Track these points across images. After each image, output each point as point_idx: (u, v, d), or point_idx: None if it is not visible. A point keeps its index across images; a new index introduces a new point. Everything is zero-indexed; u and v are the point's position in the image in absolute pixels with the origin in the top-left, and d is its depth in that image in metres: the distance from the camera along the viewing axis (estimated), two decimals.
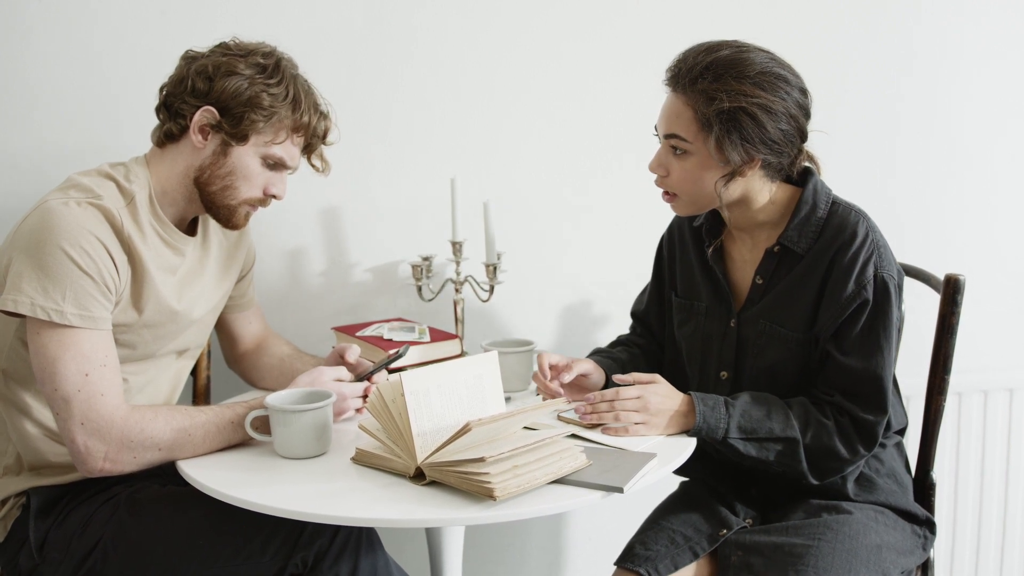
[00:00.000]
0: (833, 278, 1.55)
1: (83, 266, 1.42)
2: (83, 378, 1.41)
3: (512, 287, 2.18)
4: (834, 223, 1.58)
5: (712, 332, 1.70)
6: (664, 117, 1.58)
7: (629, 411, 1.54)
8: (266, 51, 1.58)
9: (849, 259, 1.54)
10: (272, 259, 2.06)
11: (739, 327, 1.66)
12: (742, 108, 1.49)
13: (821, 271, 1.57)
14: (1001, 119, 2.39)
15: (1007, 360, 2.44)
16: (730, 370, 1.67)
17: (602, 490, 1.32)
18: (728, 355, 1.67)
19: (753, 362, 1.64)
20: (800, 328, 1.59)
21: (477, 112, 2.14)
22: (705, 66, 1.51)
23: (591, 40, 2.17)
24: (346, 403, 1.60)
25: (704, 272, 1.73)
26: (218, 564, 1.47)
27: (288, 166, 1.62)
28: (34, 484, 1.55)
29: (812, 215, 1.59)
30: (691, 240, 1.77)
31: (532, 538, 2.37)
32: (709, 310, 1.71)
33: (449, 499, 1.31)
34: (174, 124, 1.56)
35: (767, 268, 1.63)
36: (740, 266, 1.69)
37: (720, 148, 1.51)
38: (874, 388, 1.54)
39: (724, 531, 1.58)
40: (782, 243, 1.60)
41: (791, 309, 1.60)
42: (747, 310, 1.65)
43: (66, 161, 1.87)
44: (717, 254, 1.70)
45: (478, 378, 1.47)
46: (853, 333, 1.54)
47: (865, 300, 1.53)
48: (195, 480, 1.41)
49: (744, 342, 1.65)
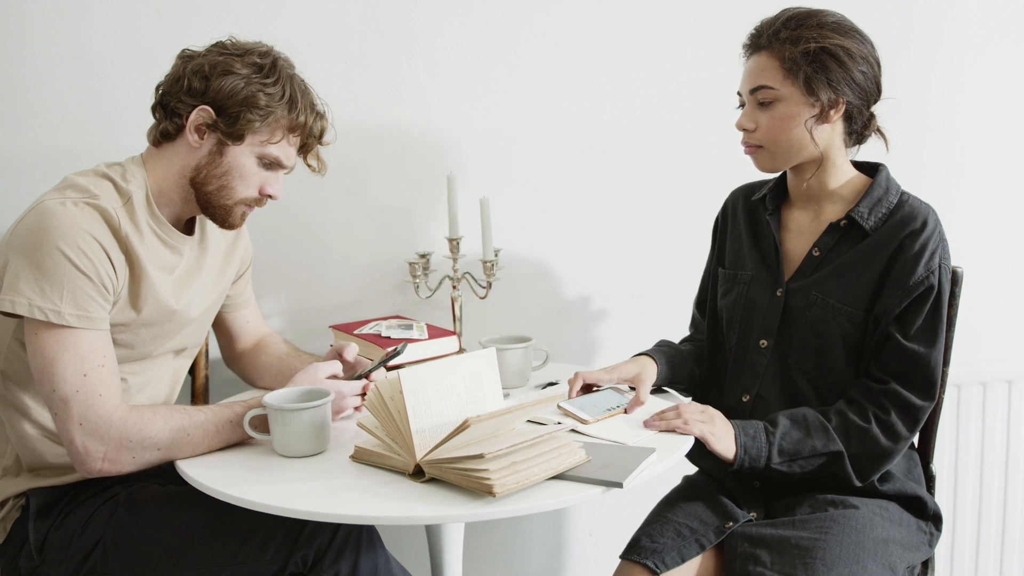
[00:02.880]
0: (901, 261, 1.58)
1: (80, 266, 1.42)
2: (81, 378, 1.41)
3: (510, 283, 2.18)
4: (905, 209, 1.62)
5: (756, 299, 1.72)
6: (748, 76, 1.64)
7: (695, 414, 1.57)
8: (263, 50, 1.58)
9: (920, 245, 1.57)
10: (269, 258, 2.06)
11: (787, 296, 1.68)
12: (826, 48, 1.56)
13: (888, 252, 1.59)
14: (997, 110, 2.39)
15: (1006, 351, 2.44)
16: (771, 338, 1.68)
17: (601, 485, 1.32)
18: (771, 323, 1.68)
19: (800, 332, 1.65)
20: (855, 304, 1.61)
21: (474, 108, 2.14)
22: (785, 20, 1.60)
23: (590, 37, 2.17)
24: (344, 401, 1.60)
25: (754, 241, 1.77)
26: (218, 563, 1.47)
27: (284, 166, 1.61)
28: (33, 485, 1.55)
29: (884, 198, 1.63)
30: (743, 213, 1.82)
31: (532, 534, 2.37)
32: (755, 279, 1.74)
33: (448, 496, 1.31)
34: (170, 123, 1.56)
35: (827, 241, 1.66)
36: (795, 236, 1.72)
37: (809, 86, 1.57)
38: (929, 375, 1.57)
39: (730, 523, 1.58)
40: (851, 217, 1.63)
41: (848, 284, 1.62)
42: (796, 280, 1.68)
43: (62, 161, 1.86)
44: (776, 222, 1.74)
45: (476, 375, 1.47)
46: (918, 318, 1.57)
47: (931, 286, 1.57)
48: (194, 480, 1.40)
49: (791, 312, 1.67)
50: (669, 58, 2.19)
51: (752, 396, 1.70)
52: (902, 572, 1.53)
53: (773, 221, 1.74)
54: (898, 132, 2.35)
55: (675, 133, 2.24)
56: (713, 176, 2.04)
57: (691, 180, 2.25)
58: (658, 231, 2.26)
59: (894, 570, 1.51)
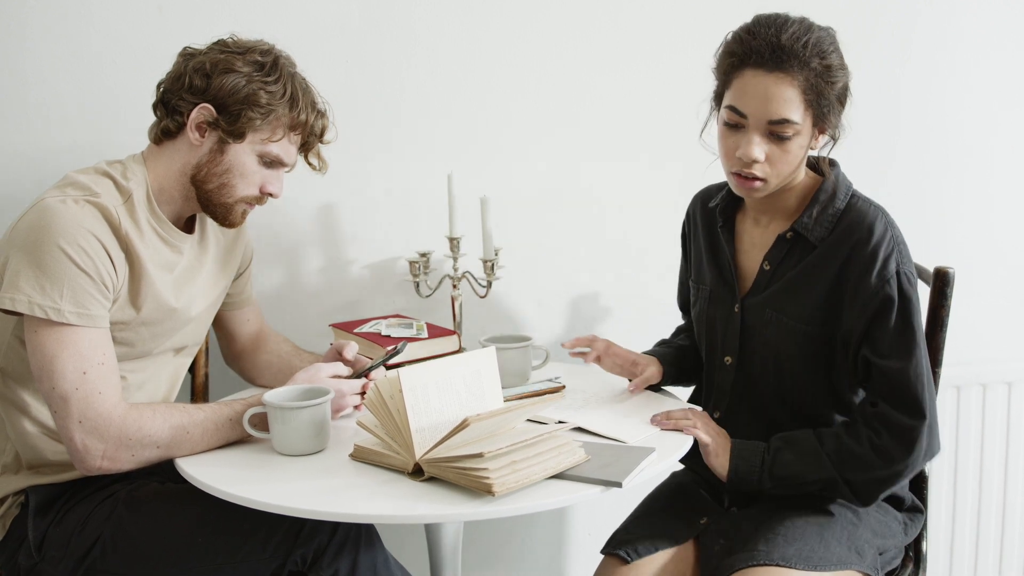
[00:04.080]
0: (852, 274, 1.50)
1: (81, 264, 1.42)
2: (81, 376, 1.41)
3: (510, 283, 2.18)
4: (851, 216, 1.53)
5: (716, 316, 1.67)
6: (765, 101, 1.47)
7: (702, 420, 1.57)
8: (264, 49, 1.58)
9: (869, 255, 1.49)
10: (270, 256, 2.06)
11: (743, 313, 1.63)
12: (847, 85, 1.52)
13: (836, 265, 1.52)
14: (998, 111, 2.38)
15: (1006, 352, 2.44)
16: (734, 355, 1.65)
17: (601, 484, 1.33)
18: (732, 341, 1.64)
19: (758, 350, 1.61)
20: (808, 320, 1.55)
21: (474, 107, 2.14)
22: (813, 43, 1.47)
23: (590, 36, 2.17)
24: (344, 400, 1.60)
25: (711, 254, 1.70)
26: (217, 561, 1.47)
27: (285, 164, 1.61)
28: (33, 482, 1.54)
29: (830, 204, 1.55)
30: (702, 221, 1.75)
31: (531, 533, 2.37)
32: (713, 295, 1.68)
33: (448, 495, 1.31)
34: (171, 121, 1.56)
35: (776, 255, 1.59)
36: (749, 249, 1.65)
37: (822, 120, 1.49)
38: (912, 391, 1.48)
39: (704, 519, 1.59)
40: (795, 229, 1.56)
41: (799, 299, 1.56)
42: (752, 296, 1.62)
43: (63, 158, 1.86)
44: (728, 235, 1.67)
45: (476, 374, 1.47)
46: (886, 334, 1.49)
47: (889, 297, 1.48)
48: (194, 478, 1.41)
49: (748, 329, 1.62)
50: (669, 58, 2.18)
51: (723, 412, 1.69)
52: (871, 556, 1.52)
53: (725, 234, 1.67)
54: (898, 133, 2.37)
55: (676, 133, 2.24)
56: (714, 175, 2.03)
57: (693, 179, 2.25)
58: (660, 230, 2.26)
59: (860, 553, 1.50)
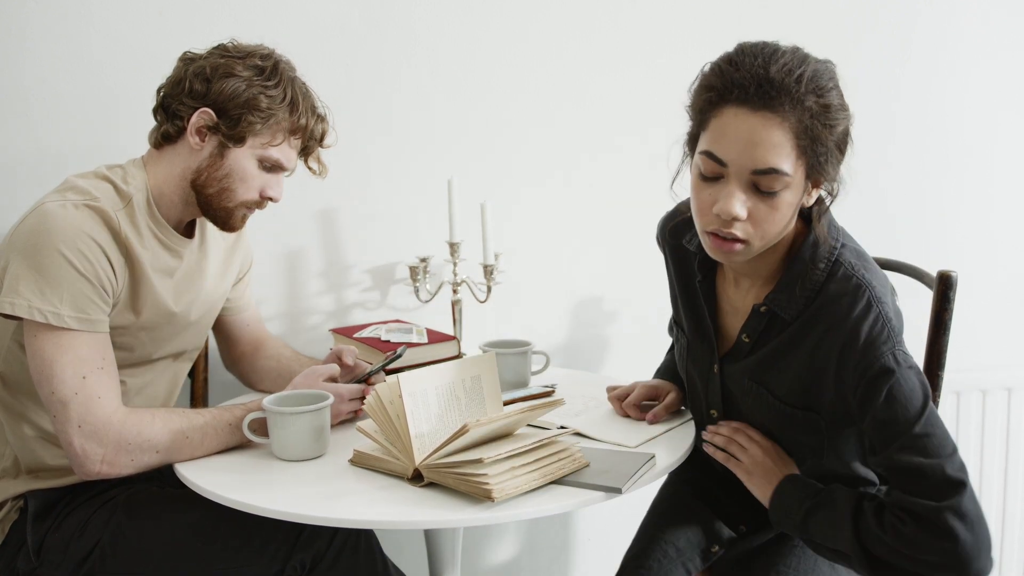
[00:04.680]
0: (829, 357, 1.30)
1: (80, 269, 1.42)
2: (80, 381, 1.41)
3: (509, 288, 2.18)
4: (831, 291, 1.30)
5: (695, 371, 1.55)
6: (749, 147, 1.23)
7: (745, 448, 1.43)
8: (264, 53, 1.58)
9: (848, 335, 1.27)
10: (269, 261, 2.06)
11: (722, 376, 1.49)
12: (847, 130, 1.28)
13: (809, 345, 1.33)
14: (998, 111, 2.38)
15: (1006, 359, 2.44)
16: (719, 409, 1.53)
17: (600, 491, 1.32)
18: (714, 398, 1.52)
19: (745, 414, 1.49)
20: (789, 400, 1.39)
21: (474, 113, 2.14)
22: (808, 78, 1.22)
23: (588, 40, 2.17)
24: (344, 405, 1.60)
25: (688, 304, 1.53)
26: (216, 567, 1.47)
27: (285, 168, 1.61)
28: (31, 487, 1.54)
29: (807, 274, 1.32)
30: (674, 260, 1.58)
31: (531, 539, 2.37)
32: (691, 348, 1.54)
33: (447, 500, 1.30)
34: (171, 126, 1.56)
35: (754, 327, 1.41)
36: (729, 313, 1.48)
37: (825, 172, 1.26)
38: (937, 479, 1.22)
39: (716, 547, 1.55)
40: (769, 305, 1.37)
41: (779, 377, 1.39)
42: (732, 363, 1.46)
43: (64, 163, 1.86)
44: (709, 291, 1.49)
45: (476, 379, 1.47)
46: (884, 434, 1.26)
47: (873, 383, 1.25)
48: (193, 483, 1.40)
49: (731, 394, 1.49)
50: (669, 58, 2.18)
51: None
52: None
53: (705, 290, 1.48)
54: (898, 134, 2.37)
55: (676, 134, 2.24)
56: None
57: None
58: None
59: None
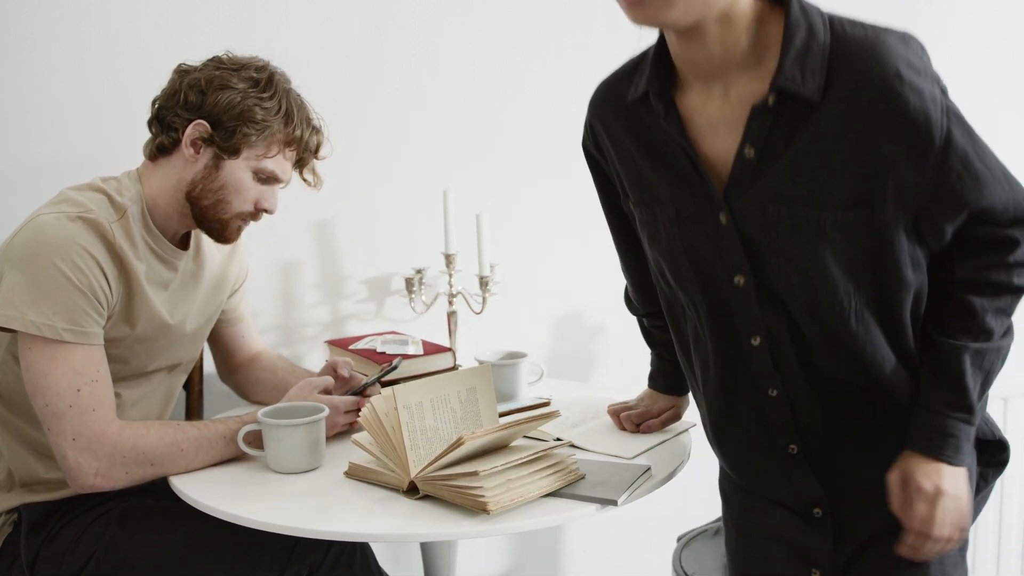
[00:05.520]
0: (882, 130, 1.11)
1: (75, 281, 1.42)
2: (75, 393, 1.41)
3: (505, 299, 2.18)
4: (849, 50, 1.12)
5: (695, 241, 1.23)
6: None
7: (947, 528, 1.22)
8: (259, 65, 1.58)
9: (893, 94, 1.10)
10: (264, 272, 2.06)
11: (735, 219, 1.18)
12: None
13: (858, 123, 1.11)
14: (999, 111, 2.38)
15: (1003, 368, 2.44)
16: (745, 272, 1.20)
17: (596, 503, 1.32)
18: (734, 257, 1.20)
19: (776, 264, 1.17)
20: (843, 198, 1.13)
21: (470, 124, 2.14)
22: None
23: (585, 52, 2.17)
24: (339, 417, 1.59)
25: (655, 160, 1.25)
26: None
27: (280, 180, 1.62)
28: (25, 500, 1.54)
29: (812, 41, 1.12)
30: (624, 128, 1.29)
31: (526, 550, 2.36)
32: (680, 214, 1.23)
33: (443, 513, 1.30)
34: (166, 137, 1.56)
35: (758, 132, 1.15)
36: (711, 133, 1.20)
37: None
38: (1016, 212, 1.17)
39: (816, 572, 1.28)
40: (780, 88, 1.12)
41: (819, 181, 1.13)
42: (740, 196, 1.18)
43: (59, 175, 1.86)
44: (676, 124, 1.21)
45: (471, 391, 1.47)
46: (967, 178, 1.13)
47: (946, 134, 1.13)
48: (187, 495, 1.40)
49: (753, 242, 1.18)
50: None
51: (762, 338, 1.23)
52: None
53: (672, 124, 1.20)
54: None
55: None
56: None
57: None
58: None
59: None
